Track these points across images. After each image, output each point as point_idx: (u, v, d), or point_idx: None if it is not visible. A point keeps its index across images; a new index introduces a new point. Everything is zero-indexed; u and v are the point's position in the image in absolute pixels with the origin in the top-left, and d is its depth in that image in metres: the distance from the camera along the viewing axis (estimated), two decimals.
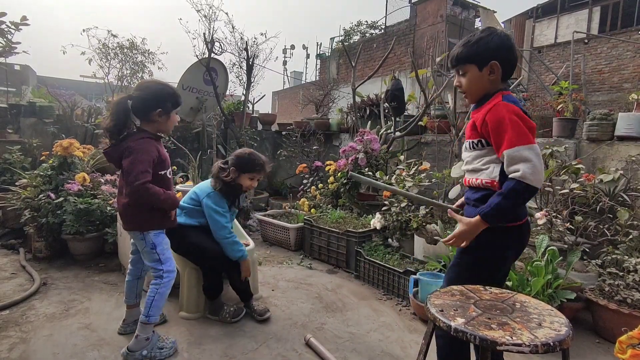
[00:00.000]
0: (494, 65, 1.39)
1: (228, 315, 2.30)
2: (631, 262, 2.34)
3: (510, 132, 1.28)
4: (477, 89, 1.46)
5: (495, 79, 1.41)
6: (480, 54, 1.40)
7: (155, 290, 1.89)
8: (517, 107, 1.34)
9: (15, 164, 4.21)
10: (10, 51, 3.33)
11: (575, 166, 2.94)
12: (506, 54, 1.40)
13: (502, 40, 1.40)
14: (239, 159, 2.32)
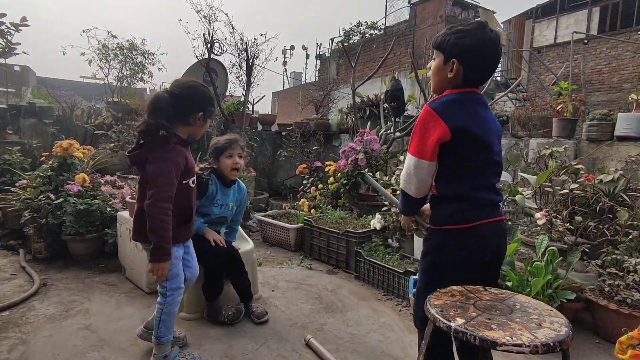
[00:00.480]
0: (454, 63, 1.33)
1: (226, 319, 2.29)
2: (631, 262, 2.34)
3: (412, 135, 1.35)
4: (435, 79, 1.42)
5: (453, 77, 1.35)
6: (448, 47, 1.34)
7: (160, 311, 1.78)
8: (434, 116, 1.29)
9: (15, 165, 4.21)
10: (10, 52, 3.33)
11: (575, 166, 2.95)
12: (473, 56, 1.31)
13: (476, 42, 1.31)
14: (210, 148, 2.35)
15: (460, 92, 1.35)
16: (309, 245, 3.67)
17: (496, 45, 1.35)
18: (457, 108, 1.32)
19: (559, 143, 3.47)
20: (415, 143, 1.33)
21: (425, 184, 1.37)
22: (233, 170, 2.32)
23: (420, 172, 1.33)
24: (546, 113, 4.28)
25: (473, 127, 1.30)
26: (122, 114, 5.61)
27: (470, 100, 1.36)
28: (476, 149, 1.33)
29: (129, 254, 2.85)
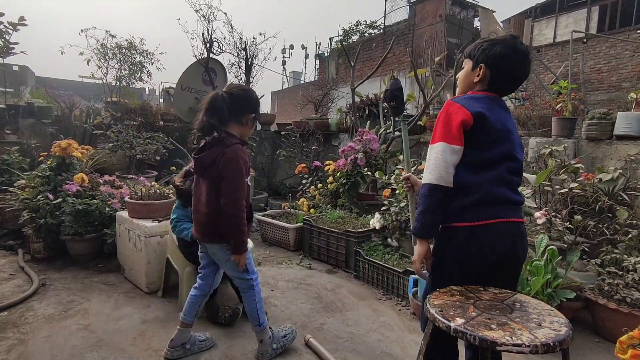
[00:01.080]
0: (482, 68, 1.38)
1: (223, 320, 2.28)
2: (630, 261, 2.34)
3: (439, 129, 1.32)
4: (463, 85, 1.47)
5: (479, 81, 1.40)
6: (478, 54, 1.40)
7: (254, 301, 1.91)
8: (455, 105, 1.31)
9: (13, 165, 4.20)
10: (8, 51, 3.32)
11: (575, 165, 2.94)
12: (501, 63, 1.36)
13: (505, 51, 1.36)
14: None
15: (481, 93, 1.39)
16: (308, 245, 3.67)
17: (525, 56, 1.39)
18: (476, 102, 1.35)
19: (559, 142, 3.46)
20: (440, 130, 1.31)
21: (453, 170, 1.28)
22: None
23: (449, 157, 1.27)
24: (545, 112, 4.28)
25: (491, 117, 1.31)
26: (121, 114, 5.59)
27: (490, 99, 1.38)
28: (495, 139, 1.32)
29: (128, 254, 2.85)
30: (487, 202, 1.29)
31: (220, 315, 2.30)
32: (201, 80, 5.58)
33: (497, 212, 1.29)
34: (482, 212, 1.28)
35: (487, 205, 1.29)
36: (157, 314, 2.38)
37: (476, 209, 1.29)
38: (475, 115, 1.29)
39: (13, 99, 6.52)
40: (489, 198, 1.28)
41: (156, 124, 5.75)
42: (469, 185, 1.29)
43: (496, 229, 1.28)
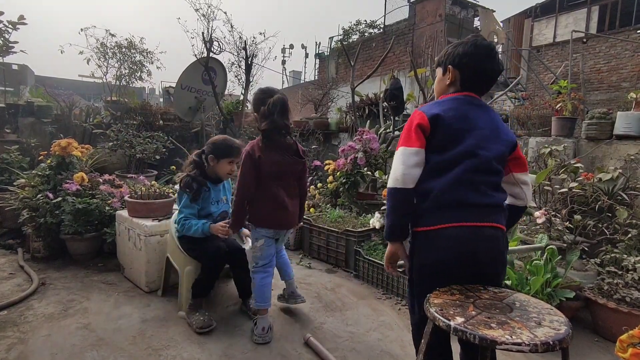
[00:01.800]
0: (449, 69, 1.40)
1: (195, 322, 2.19)
2: (630, 261, 2.34)
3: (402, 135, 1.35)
4: (437, 91, 1.49)
5: (450, 83, 1.41)
6: (444, 58, 1.43)
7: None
8: (416, 112, 1.34)
9: (13, 164, 4.19)
10: (8, 50, 3.32)
11: (574, 165, 2.95)
12: (467, 61, 1.36)
13: (468, 48, 1.36)
14: (215, 145, 2.32)
15: (450, 95, 1.39)
16: (308, 244, 3.67)
17: (489, 49, 1.38)
18: (438, 105, 1.35)
19: (558, 142, 3.47)
20: (401, 136, 1.34)
21: (412, 172, 1.27)
22: (228, 175, 2.38)
23: (407, 159, 1.27)
24: (545, 112, 4.29)
25: (449, 116, 1.30)
26: (121, 113, 5.59)
27: (457, 99, 1.37)
28: (454, 139, 1.29)
29: (128, 253, 2.85)
30: (439, 206, 1.27)
31: (197, 315, 2.22)
32: (201, 80, 5.58)
33: (451, 216, 1.26)
34: (435, 216, 1.28)
35: (440, 209, 1.27)
36: (157, 313, 2.39)
37: (431, 214, 1.28)
38: (431, 117, 1.30)
39: (13, 98, 6.51)
40: (441, 202, 1.27)
41: (156, 123, 5.75)
42: (426, 190, 1.29)
43: (448, 234, 1.25)
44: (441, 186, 1.27)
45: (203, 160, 2.33)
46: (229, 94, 6.66)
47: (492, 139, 1.33)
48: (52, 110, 5.27)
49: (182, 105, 5.63)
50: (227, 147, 2.32)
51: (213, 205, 2.36)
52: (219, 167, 2.32)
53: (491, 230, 1.28)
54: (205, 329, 2.17)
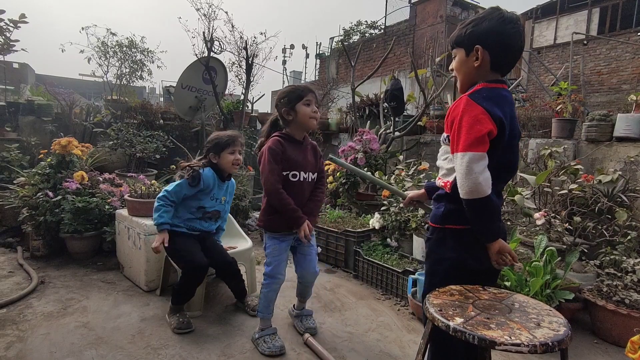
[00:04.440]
0: (479, 50, 1.26)
1: (174, 322, 2.17)
2: (629, 263, 2.34)
3: (463, 135, 1.20)
4: (462, 75, 1.34)
5: (480, 65, 1.28)
6: (467, 37, 1.28)
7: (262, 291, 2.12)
8: (480, 108, 1.20)
9: (13, 162, 4.19)
10: (9, 49, 3.32)
11: (574, 167, 2.95)
12: (497, 39, 1.24)
13: (495, 24, 1.24)
14: (210, 143, 2.32)
15: (495, 88, 1.28)
16: None
17: (516, 22, 1.27)
18: (497, 103, 1.24)
19: (558, 143, 3.47)
20: (468, 137, 1.19)
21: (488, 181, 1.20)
22: (234, 165, 2.34)
23: (480, 169, 1.19)
24: (545, 113, 4.29)
25: (508, 127, 1.25)
26: (121, 112, 5.59)
27: (504, 98, 1.28)
28: (504, 150, 1.26)
29: (127, 252, 2.85)
30: None
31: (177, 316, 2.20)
32: (201, 79, 5.58)
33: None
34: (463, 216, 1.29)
35: None
36: (156, 312, 2.38)
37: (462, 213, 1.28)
38: (499, 124, 1.21)
39: (13, 96, 6.51)
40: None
41: (156, 122, 5.75)
42: None
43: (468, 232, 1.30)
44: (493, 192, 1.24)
45: (209, 160, 2.32)
46: (229, 94, 6.67)
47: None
48: (52, 108, 5.27)
49: (183, 105, 5.63)
50: (221, 140, 2.30)
51: (211, 201, 2.34)
52: (222, 161, 2.31)
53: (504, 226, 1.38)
54: (183, 330, 2.15)
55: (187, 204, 2.29)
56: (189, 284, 2.23)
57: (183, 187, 2.23)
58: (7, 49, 3.25)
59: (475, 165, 1.18)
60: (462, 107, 1.23)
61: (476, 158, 1.19)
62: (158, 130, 5.36)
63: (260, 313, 2.09)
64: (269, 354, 1.97)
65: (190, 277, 2.20)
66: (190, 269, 2.18)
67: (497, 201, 1.29)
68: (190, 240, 2.29)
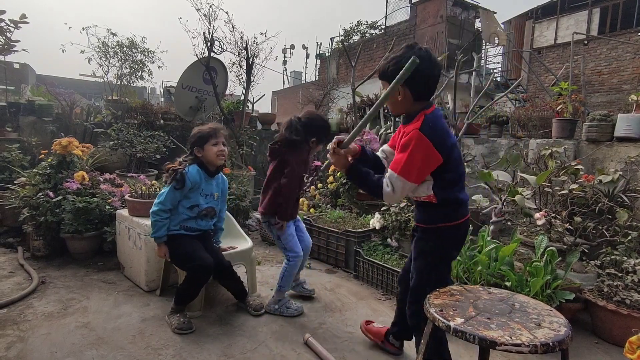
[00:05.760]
0: (399, 87, 1.43)
1: (175, 322, 2.18)
2: (630, 263, 2.34)
3: (403, 159, 1.46)
4: (391, 106, 1.59)
5: (404, 100, 1.50)
6: (389, 76, 1.46)
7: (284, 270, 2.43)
8: (429, 139, 1.43)
9: (14, 162, 4.19)
10: (10, 49, 3.32)
11: (575, 167, 2.95)
12: (415, 77, 1.38)
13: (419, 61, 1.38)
14: (193, 137, 2.31)
15: (433, 112, 1.51)
16: None
17: (428, 59, 1.47)
18: (440, 124, 1.50)
19: (559, 143, 3.47)
20: (406, 166, 1.46)
21: None
22: (219, 157, 2.32)
23: (402, 192, 1.51)
24: (546, 114, 4.29)
25: (453, 142, 1.52)
26: (122, 112, 5.59)
27: (441, 117, 1.54)
28: (457, 158, 1.54)
29: (128, 252, 2.85)
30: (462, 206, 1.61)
31: (177, 316, 2.22)
32: (202, 79, 5.58)
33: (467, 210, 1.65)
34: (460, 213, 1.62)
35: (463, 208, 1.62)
36: (157, 313, 2.39)
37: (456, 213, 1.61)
38: (444, 155, 1.47)
39: (14, 96, 6.51)
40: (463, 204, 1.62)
41: (157, 122, 5.75)
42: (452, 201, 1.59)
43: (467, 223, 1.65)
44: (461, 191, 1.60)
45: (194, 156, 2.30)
46: (229, 94, 6.67)
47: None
48: (53, 109, 5.27)
49: (183, 105, 5.63)
50: (202, 133, 2.29)
51: (202, 197, 2.32)
52: (206, 153, 2.28)
53: None
54: (184, 331, 2.14)
55: (180, 204, 2.27)
56: (194, 286, 2.23)
57: (174, 192, 2.21)
58: (7, 49, 3.25)
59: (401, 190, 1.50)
60: (415, 141, 1.44)
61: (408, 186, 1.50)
62: (158, 130, 5.36)
63: (282, 287, 2.42)
64: (297, 314, 2.41)
65: (196, 278, 2.20)
66: (196, 271, 2.18)
67: None
68: (190, 241, 2.28)
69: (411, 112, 1.53)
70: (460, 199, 1.58)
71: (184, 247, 2.24)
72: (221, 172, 2.48)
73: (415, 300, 1.61)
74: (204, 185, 2.32)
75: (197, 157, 2.31)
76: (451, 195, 1.56)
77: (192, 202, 2.29)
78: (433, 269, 1.63)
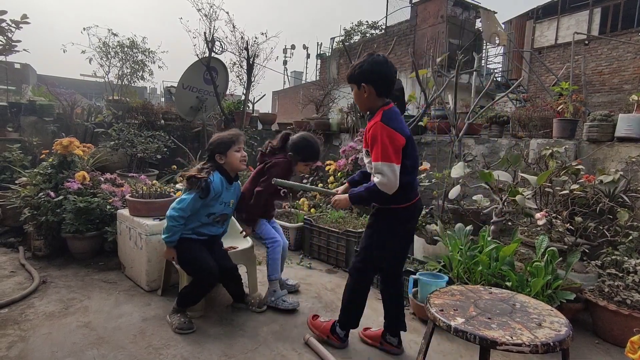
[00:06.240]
0: (364, 86, 1.79)
1: (176, 322, 2.18)
2: (631, 263, 2.34)
3: (378, 149, 1.71)
4: (359, 104, 1.93)
5: (369, 96, 1.81)
6: (355, 77, 1.82)
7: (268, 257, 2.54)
8: (390, 127, 1.72)
9: (15, 162, 4.20)
10: (11, 49, 3.31)
11: (575, 167, 2.94)
12: (376, 77, 1.78)
13: (373, 65, 1.78)
14: (213, 144, 2.30)
15: (389, 107, 1.81)
16: (308, 245, 3.67)
17: (385, 63, 1.81)
18: (398, 119, 1.80)
19: (560, 144, 3.46)
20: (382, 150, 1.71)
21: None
22: (242, 162, 2.33)
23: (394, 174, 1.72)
24: (547, 114, 4.28)
25: (409, 132, 1.80)
26: (123, 112, 5.60)
27: (397, 113, 1.82)
28: (413, 148, 1.82)
29: (129, 252, 2.85)
30: (413, 190, 1.89)
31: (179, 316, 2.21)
32: (203, 80, 5.59)
33: (417, 193, 1.92)
34: (410, 196, 1.88)
35: (413, 191, 1.90)
36: (158, 312, 2.39)
37: (407, 196, 1.86)
38: (407, 138, 1.77)
39: (15, 96, 6.53)
40: (414, 188, 1.91)
41: (157, 122, 5.76)
42: (405, 184, 1.79)
43: (418, 204, 1.94)
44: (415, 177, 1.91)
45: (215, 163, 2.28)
46: (230, 94, 6.68)
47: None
48: (54, 109, 5.28)
49: (184, 105, 5.64)
50: (224, 139, 2.28)
51: (220, 205, 2.30)
52: (229, 160, 2.27)
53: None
54: (185, 331, 2.14)
55: (197, 213, 2.25)
56: (199, 290, 2.24)
57: (197, 201, 2.18)
58: (9, 49, 3.24)
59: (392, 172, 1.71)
60: (379, 130, 1.73)
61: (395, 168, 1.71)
62: (159, 130, 5.37)
63: (271, 275, 2.47)
64: (292, 308, 2.46)
65: (202, 284, 2.21)
66: (203, 278, 2.19)
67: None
68: (199, 246, 2.27)
69: (374, 108, 1.84)
70: (413, 184, 1.86)
71: (193, 252, 2.23)
72: (238, 179, 2.47)
73: (361, 259, 1.98)
74: (224, 194, 2.31)
75: (218, 164, 2.28)
76: (406, 180, 1.78)
77: (210, 211, 2.28)
78: (379, 243, 1.91)
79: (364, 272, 2.00)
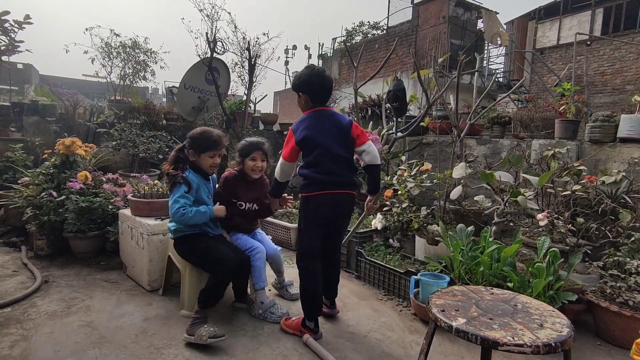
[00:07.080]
0: (300, 94, 2.17)
1: (205, 332, 1.99)
2: (633, 264, 2.33)
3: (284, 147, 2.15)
4: (300, 108, 2.23)
5: (305, 103, 2.17)
6: (296, 87, 2.18)
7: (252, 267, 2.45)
8: (292, 129, 2.13)
9: (17, 162, 4.22)
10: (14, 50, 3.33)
11: (577, 168, 2.94)
12: (307, 87, 2.13)
13: (306, 78, 2.12)
14: (193, 140, 2.26)
15: (309, 112, 2.15)
16: None
17: (321, 75, 2.14)
18: (304, 125, 2.09)
19: (561, 144, 3.46)
20: (284, 151, 2.13)
21: (288, 175, 2.22)
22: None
23: (285, 169, 2.18)
24: (548, 114, 4.28)
25: (311, 135, 2.06)
26: (125, 113, 5.61)
27: (315, 116, 2.12)
28: (314, 148, 2.07)
29: (130, 252, 2.86)
30: (314, 184, 2.09)
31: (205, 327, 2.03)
32: (204, 80, 5.59)
33: (322, 188, 2.09)
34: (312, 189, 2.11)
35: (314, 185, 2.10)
36: (159, 312, 2.39)
37: (309, 187, 2.12)
38: (299, 141, 2.09)
39: (17, 96, 6.55)
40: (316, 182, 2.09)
41: (159, 122, 5.77)
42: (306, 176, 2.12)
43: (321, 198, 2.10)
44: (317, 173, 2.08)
45: (187, 154, 2.27)
46: (232, 94, 6.68)
47: (341, 140, 2.10)
48: (56, 109, 5.29)
49: (185, 105, 5.64)
50: (205, 141, 2.24)
51: (209, 199, 2.34)
52: (200, 161, 2.27)
53: (343, 195, 2.15)
54: (219, 338, 2.00)
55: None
56: (221, 280, 2.16)
57: (183, 192, 2.19)
58: (12, 49, 3.26)
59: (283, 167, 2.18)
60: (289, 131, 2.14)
61: (284, 163, 2.16)
62: (161, 130, 5.37)
63: (256, 284, 2.39)
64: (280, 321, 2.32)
65: (222, 274, 2.14)
66: (220, 266, 2.13)
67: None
68: (207, 239, 2.28)
69: (305, 111, 2.17)
70: (316, 177, 2.07)
71: (204, 243, 2.24)
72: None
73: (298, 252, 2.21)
74: (202, 187, 2.30)
75: (188, 159, 2.28)
76: (307, 173, 2.09)
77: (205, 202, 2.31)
78: (301, 228, 2.18)
79: (303, 261, 2.18)
